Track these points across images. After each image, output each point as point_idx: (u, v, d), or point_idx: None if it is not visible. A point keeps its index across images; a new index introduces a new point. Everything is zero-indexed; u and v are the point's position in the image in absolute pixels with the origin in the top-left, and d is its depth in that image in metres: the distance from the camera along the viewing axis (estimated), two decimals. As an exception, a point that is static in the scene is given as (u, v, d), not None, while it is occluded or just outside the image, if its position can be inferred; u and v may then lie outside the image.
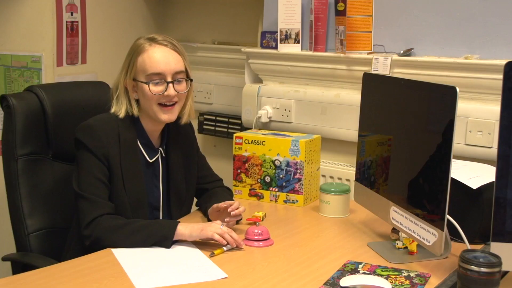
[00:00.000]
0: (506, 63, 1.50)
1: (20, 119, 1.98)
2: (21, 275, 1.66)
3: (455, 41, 2.34)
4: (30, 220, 1.97)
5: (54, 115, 2.04)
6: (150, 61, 1.88)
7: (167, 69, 1.88)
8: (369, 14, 2.51)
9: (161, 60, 1.88)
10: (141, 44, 1.91)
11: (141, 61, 1.89)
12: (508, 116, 1.50)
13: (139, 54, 1.89)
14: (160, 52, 1.89)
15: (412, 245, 1.80)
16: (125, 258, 1.71)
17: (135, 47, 1.92)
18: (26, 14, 2.80)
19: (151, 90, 1.87)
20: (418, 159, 1.74)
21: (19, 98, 2.01)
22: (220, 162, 3.17)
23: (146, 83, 1.87)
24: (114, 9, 3.14)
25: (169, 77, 1.89)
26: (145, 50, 1.89)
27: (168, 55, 1.90)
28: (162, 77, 1.88)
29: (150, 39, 1.92)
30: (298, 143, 2.28)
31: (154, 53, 1.89)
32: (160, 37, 1.93)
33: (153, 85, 1.88)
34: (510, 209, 1.51)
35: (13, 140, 1.96)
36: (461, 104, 2.19)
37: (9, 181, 1.98)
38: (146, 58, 1.88)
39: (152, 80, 1.88)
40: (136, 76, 1.90)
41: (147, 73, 1.88)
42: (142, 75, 1.89)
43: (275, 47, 2.74)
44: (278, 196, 2.33)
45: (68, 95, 2.12)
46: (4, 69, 2.84)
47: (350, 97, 2.56)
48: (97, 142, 1.85)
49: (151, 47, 1.89)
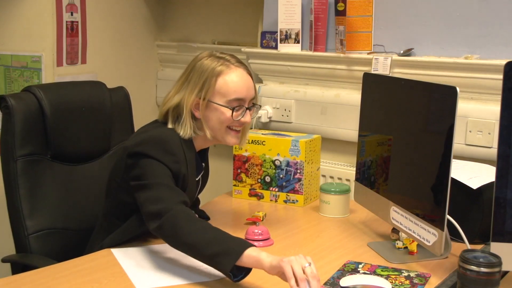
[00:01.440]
0: (506, 63, 1.50)
1: (19, 120, 1.96)
2: (21, 275, 1.66)
3: (455, 41, 2.34)
4: (30, 221, 1.96)
5: (52, 115, 2.03)
6: (234, 86, 1.81)
7: (247, 96, 1.84)
8: (369, 14, 2.51)
9: (244, 85, 1.83)
10: (216, 66, 1.82)
11: (223, 84, 1.81)
12: (508, 116, 1.50)
13: (218, 75, 1.81)
14: (241, 76, 1.83)
15: (412, 245, 1.80)
16: (125, 258, 1.71)
17: (208, 67, 1.82)
18: (26, 14, 2.80)
19: (234, 116, 1.81)
20: (418, 159, 1.74)
21: (18, 98, 1.99)
22: (220, 162, 3.17)
23: (229, 108, 1.81)
24: (114, 9, 3.14)
25: (247, 103, 1.85)
26: (225, 73, 1.82)
27: (247, 80, 1.85)
28: (242, 103, 1.83)
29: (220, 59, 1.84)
30: (298, 143, 2.28)
31: (237, 77, 1.83)
32: (233, 59, 1.86)
33: (235, 111, 1.81)
34: (510, 209, 1.51)
35: (12, 141, 1.95)
36: (461, 104, 2.19)
37: (8, 182, 1.97)
38: (229, 81, 1.81)
39: (233, 105, 1.81)
40: (212, 98, 1.81)
41: (229, 97, 1.81)
42: (221, 98, 1.81)
43: (275, 47, 2.74)
44: (278, 196, 2.33)
45: (66, 95, 2.11)
46: (4, 69, 2.84)
47: (350, 97, 2.56)
48: (172, 157, 1.76)
49: (230, 70, 1.82)
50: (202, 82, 1.82)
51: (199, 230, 1.59)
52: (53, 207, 2.04)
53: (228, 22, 3.24)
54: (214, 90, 1.81)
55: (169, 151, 1.76)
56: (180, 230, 1.59)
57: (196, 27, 3.35)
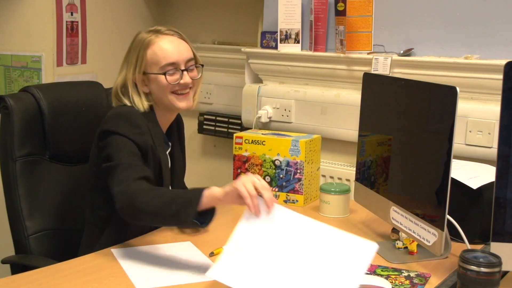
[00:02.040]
0: (506, 63, 1.50)
1: (18, 120, 1.96)
2: (21, 275, 1.66)
3: (455, 41, 2.34)
4: (29, 222, 1.96)
5: (51, 115, 2.03)
6: (162, 52, 1.87)
7: (180, 58, 1.89)
8: (369, 14, 2.51)
9: (173, 49, 1.89)
10: (146, 38, 1.89)
11: (152, 54, 1.88)
12: (508, 116, 1.50)
13: (147, 47, 1.88)
14: (169, 42, 1.89)
15: (412, 245, 1.80)
16: (125, 258, 1.71)
17: (140, 41, 1.90)
18: (26, 14, 2.80)
19: (168, 80, 1.87)
20: (418, 159, 1.74)
21: (16, 98, 1.99)
22: (220, 162, 3.18)
23: (162, 73, 1.87)
24: (114, 9, 3.14)
25: (182, 65, 1.90)
26: (154, 42, 1.88)
27: (178, 43, 1.91)
28: (176, 66, 1.88)
29: (154, 32, 1.91)
30: (298, 143, 2.28)
31: (164, 44, 1.88)
32: (164, 28, 1.93)
33: (169, 75, 1.87)
34: (510, 209, 1.51)
35: (11, 141, 1.95)
36: (461, 104, 2.19)
37: (7, 183, 1.97)
38: (157, 50, 1.88)
39: (167, 70, 1.87)
40: (147, 69, 1.89)
41: (160, 64, 1.87)
42: (154, 67, 1.88)
43: (275, 47, 2.74)
44: (278, 196, 2.33)
45: (64, 95, 2.11)
46: (4, 69, 2.84)
47: (350, 97, 2.56)
48: (136, 129, 1.81)
49: (158, 38, 1.89)
50: (136, 57, 1.90)
51: (156, 197, 1.62)
52: (52, 207, 2.04)
53: (228, 22, 3.24)
54: (147, 61, 1.88)
55: (133, 123, 1.82)
56: (139, 204, 1.61)
57: (196, 27, 3.35)
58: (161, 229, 1.93)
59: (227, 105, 3.20)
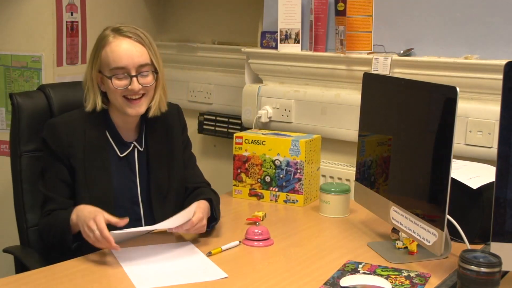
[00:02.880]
0: (506, 63, 1.50)
1: (24, 117, 2.02)
2: (21, 275, 1.67)
3: (455, 41, 2.34)
4: (30, 215, 2.01)
5: (60, 113, 2.05)
6: (113, 55, 1.84)
7: (129, 63, 1.84)
8: (369, 14, 2.51)
9: (124, 53, 1.84)
10: (105, 36, 1.87)
11: (105, 55, 1.85)
12: (508, 116, 1.50)
13: (103, 46, 1.86)
14: (123, 45, 1.85)
15: (412, 245, 1.80)
16: (125, 258, 1.71)
17: (100, 39, 1.88)
18: (26, 14, 2.80)
19: (114, 84, 1.84)
20: (418, 159, 1.74)
21: (25, 96, 2.06)
22: (220, 162, 3.18)
23: (109, 77, 1.84)
24: (114, 9, 3.14)
25: (132, 70, 1.84)
26: (109, 42, 1.85)
27: (131, 47, 1.85)
28: (126, 71, 1.84)
29: (115, 30, 1.88)
30: (298, 143, 2.28)
31: (117, 46, 1.84)
32: (126, 28, 1.88)
33: (116, 79, 1.84)
34: (510, 209, 1.51)
35: (17, 137, 2.02)
36: (461, 104, 2.19)
37: (14, 176, 2.04)
38: (109, 51, 1.84)
39: (115, 74, 1.84)
40: (101, 69, 1.87)
41: (110, 67, 1.84)
42: (106, 68, 1.85)
43: (275, 47, 2.74)
44: (278, 196, 2.33)
45: (75, 94, 2.14)
46: (4, 69, 2.84)
47: (350, 97, 2.56)
48: (58, 141, 1.86)
49: (114, 39, 1.85)
50: (94, 55, 1.90)
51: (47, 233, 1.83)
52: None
53: (228, 22, 3.24)
54: (101, 61, 1.87)
55: (56, 136, 1.87)
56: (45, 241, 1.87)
57: (196, 27, 3.35)
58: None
59: (227, 105, 3.20)
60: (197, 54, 3.28)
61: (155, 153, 1.98)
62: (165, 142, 2.02)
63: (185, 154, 2.09)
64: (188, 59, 3.31)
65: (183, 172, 2.05)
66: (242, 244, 1.86)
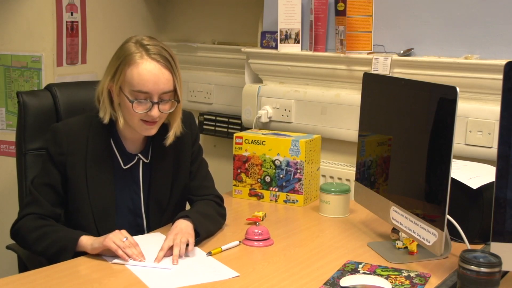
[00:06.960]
0: (506, 63, 1.50)
1: (30, 116, 2.04)
2: (21, 275, 1.67)
3: (455, 41, 2.34)
4: None
5: (65, 113, 2.08)
6: (139, 78, 1.77)
7: (154, 89, 1.78)
8: (369, 14, 2.51)
9: (151, 79, 1.77)
10: (132, 54, 1.79)
11: (130, 75, 1.78)
12: (508, 116, 1.50)
13: (129, 64, 1.78)
14: (151, 69, 1.78)
15: (412, 245, 1.80)
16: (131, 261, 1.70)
17: (125, 54, 1.81)
18: (26, 14, 2.80)
19: (134, 109, 1.78)
20: (418, 159, 1.74)
21: (31, 95, 2.07)
22: (220, 162, 3.17)
23: (130, 101, 1.78)
24: (114, 9, 3.14)
25: (155, 97, 1.79)
26: (136, 63, 1.78)
27: (158, 73, 1.78)
28: (148, 96, 1.78)
29: (142, 47, 1.80)
30: (298, 143, 2.28)
31: (144, 70, 1.77)
32: (154, 48, 1.80)
33: (137, 104, 1.78)
34: (510, 209, 1.51)
35: (22, 135, 2.04)
36: (461, 104, 2.19)
37: (19, 174, 2.06)
38: (136, 73, 1.77)
39: (137, 98, 1.78)
40: (122, 86, 1.80)
41: (133, 88, 1.78)
42: (127, 88, 1.79)
43: (275, 47, 2.74)
44: (278, 196, 2.33)
45: (81, 94, 2.15)
46: (4, 69, 2.84)
47: (350, 97, 2.56)
48: (57, 148, 1.85)
49: (142, 60, 1.78)
50: (116, 67, 1.82)
51: (39, 238, 1.78)
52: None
53: (228, 22, 3.24)
54: (124, 78, 1.80)
55: (56, 142, 1.85)
56: (27, 243, 1.82)
57: (196, 27, 3.35)
58: (161, 229, 1.93)
59: (227, 105, 3.20)
60: (197, 54, 3.28)
61: (160, 167, 1.95)
62: (172, 154, 1.97)
63: (193, 166, 2.04)
64: (188, 59, 3.31)
65: (188, 183, 2.02)
66: (242, 244, 1.86)
